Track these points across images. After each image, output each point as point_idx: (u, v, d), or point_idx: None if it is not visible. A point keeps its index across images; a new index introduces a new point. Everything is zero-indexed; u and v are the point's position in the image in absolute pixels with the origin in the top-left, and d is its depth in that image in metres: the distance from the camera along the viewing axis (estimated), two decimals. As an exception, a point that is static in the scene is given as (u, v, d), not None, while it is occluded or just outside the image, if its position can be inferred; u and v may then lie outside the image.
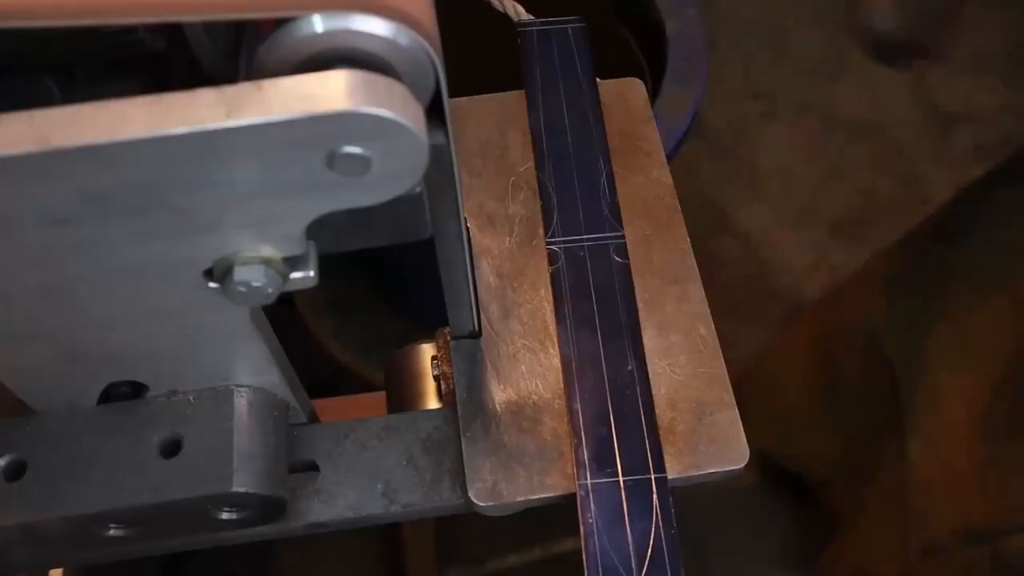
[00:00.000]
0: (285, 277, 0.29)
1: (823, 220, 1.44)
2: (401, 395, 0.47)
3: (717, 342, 0.43)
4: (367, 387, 1.06)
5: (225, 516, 0.36)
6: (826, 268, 1.39)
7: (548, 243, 0.45)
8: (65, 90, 0.29)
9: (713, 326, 0.43)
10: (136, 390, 0.36)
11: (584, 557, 0.36)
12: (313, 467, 0.41)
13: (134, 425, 0.35)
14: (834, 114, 1.54)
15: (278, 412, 0.37)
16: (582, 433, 0.39)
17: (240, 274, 0.28)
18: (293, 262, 0.29)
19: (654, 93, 0.85)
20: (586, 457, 0.39)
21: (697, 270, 0.45)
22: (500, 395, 0.41)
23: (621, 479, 0.38)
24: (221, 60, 0.28)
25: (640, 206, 0.47)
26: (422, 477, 0.40)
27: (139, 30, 0.28)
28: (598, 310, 0.43)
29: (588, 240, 0.45)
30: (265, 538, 0.40)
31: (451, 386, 0.42)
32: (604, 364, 0.41)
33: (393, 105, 0.24)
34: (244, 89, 0.23)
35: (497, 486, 0.39)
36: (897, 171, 1.49)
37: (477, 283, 0.44)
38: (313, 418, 0.42)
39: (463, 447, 0.40)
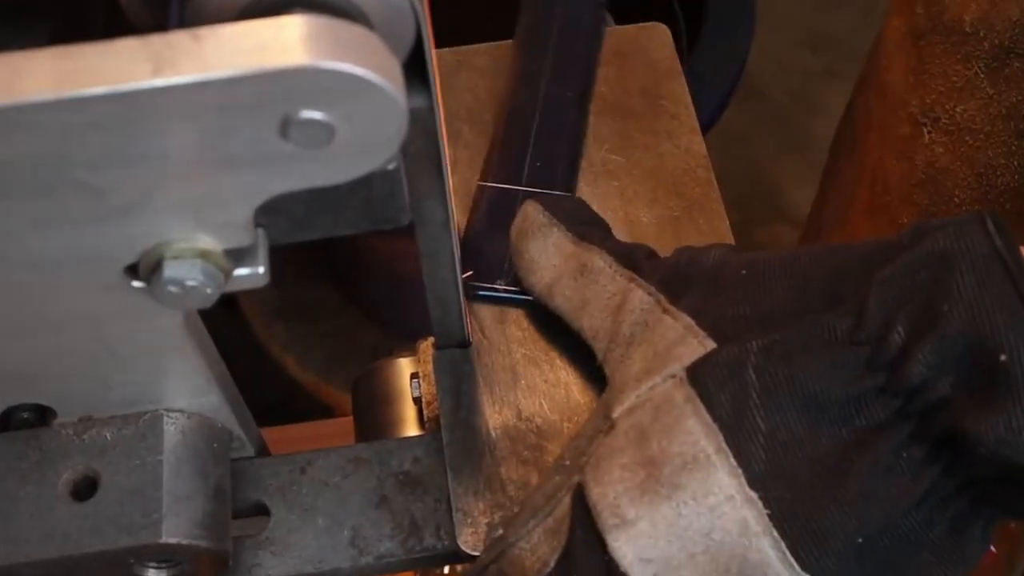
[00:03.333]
0: (228, 274, 0.29)
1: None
2: (372, 421, 0.47)
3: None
4: (329, 412, 1.07)
5: (153, 573, 0.36)
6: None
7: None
8: (-48, 40, 0.29)
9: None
10: (41, 415, 0.36)
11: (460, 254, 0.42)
12: (263, 510, 0.41)
13: (38, 459, 0.35)
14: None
15: (218, 443, 0.37)
16: (501, 141, 0.46)
17: (172, 270, 0.28)
18: (238, 256, 0.29)
19: (690, 44, 0.85)
20: (496, 163, 0.45)
21: (739, 260, 0.45)
22: (495, 418, 0.42)
23: (522, 190, 0.45)
24: (148, 2, 0.28)
25: (666, 180, 0.47)
26: (399, 521, 0.40)
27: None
28: (556, 45, 0.49)
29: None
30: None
31: (435, 409, 0.42)
32: (544, 84, 0.48)
33: (363, 59, 0.24)
34: (176, 39, 0.23)
35: (493, 531, 0.39)
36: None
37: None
38: (263, 450, 0.42)
39: (449, 483, 0.40)
